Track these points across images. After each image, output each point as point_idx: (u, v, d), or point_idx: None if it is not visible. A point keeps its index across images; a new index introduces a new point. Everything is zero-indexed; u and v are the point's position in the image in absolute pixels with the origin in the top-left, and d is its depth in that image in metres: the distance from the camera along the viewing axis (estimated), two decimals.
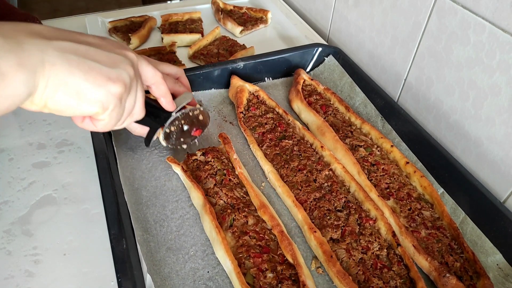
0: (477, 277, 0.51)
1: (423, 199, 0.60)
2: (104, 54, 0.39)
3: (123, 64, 0.41)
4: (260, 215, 0.55)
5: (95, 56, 0.38)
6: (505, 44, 0.56)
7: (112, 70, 0.39)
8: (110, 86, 0.39)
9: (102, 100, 0.39)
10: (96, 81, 0.37)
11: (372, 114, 0.75)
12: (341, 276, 0.48)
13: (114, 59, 0.40)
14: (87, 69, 0.37)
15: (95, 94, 0.38)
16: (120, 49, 0.42)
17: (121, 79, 0.40)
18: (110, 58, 0.40)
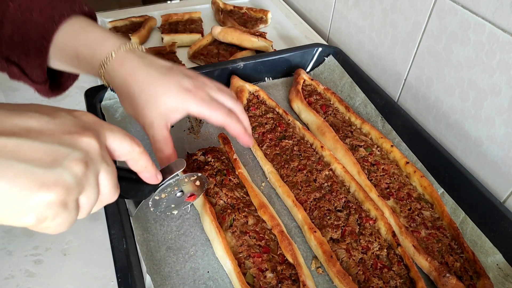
0: (477, 277, 0.51)
1: (423, 199, 0.60)
2: (42, 149, 0.31)
3: (68, 160, 0.31)
4: (260, 215, 0.55)
5: (27, 153, 0.30)
6: (505, 44, 0.56)
7: (49, 171, 0.30)
8: (42, 194, 0.30)
9: (34, 212, 0.30)
10: (23, 190, 0.29)
11: (372, 114, 0.75)
12: (341, 276, 0.48)
13: (55, 154, 0.31)
14: (12, 176, 0.29)
15: (24, 205, 0.30)
16: (73, 134, 0.33)
17: (60, 183, 0.31)
18: (50, 152, 0.31)
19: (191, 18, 1.03)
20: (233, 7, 1.08)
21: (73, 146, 0.32)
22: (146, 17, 1.00)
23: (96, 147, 0.34)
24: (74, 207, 0.33)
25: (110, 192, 0.37)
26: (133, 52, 0.50)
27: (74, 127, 0.33)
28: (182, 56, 0.92)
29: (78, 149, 0.32)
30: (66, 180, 0.31)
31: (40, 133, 0.31)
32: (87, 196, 0.34)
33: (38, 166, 0.30)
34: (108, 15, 1.02)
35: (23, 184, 0.29)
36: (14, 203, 0.29)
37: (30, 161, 0.30)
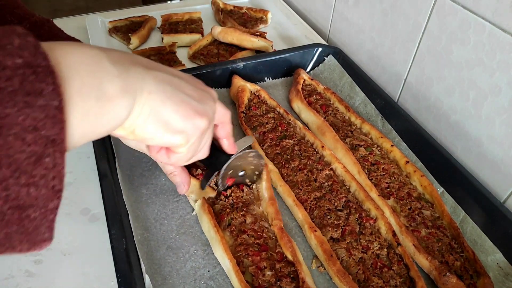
0: (477, 276, 0.51)
1: (423, 198, 0.60)
2: (194, 89, 0.41)
3: (209, 101, 0.42)
4: (266, 206, 0.56)
5: (186, 89, 0.40)
6: (505, 44, 0.56)
7: (200, 105, 0.40)
8: (197, 119, 0.40)
9: (187, 132, 0.40)
10: (185, 113, 0.39)
11: (372, 113, 0.75)
12: (341, 275, 0.48)
13: (202, 95, 0.41)
14: (178, 101, 0.38)
15: (182, 125, 0.39)
16: (205, 87, 0.44)
17: (207, 114, 0.41)
18: (198, 93, 0.41)
19: (191, 18, 1.03)
20: (233, 7, 1.08)
21: (209, 93, 0.43)
22: (146, 17, 1.00)
23: (215, 101, 0.45)
24: (202, 141, 0.43)
25: (208, 147, 0.47)
26: None
27: (203, 84, 0.44)
28: (182, 56, 0.92)
29: (212, 96, 0.44)
30: (209, 114, 0.42)
31: (188, 80, 0.41)
32: (206, 136, 0.44)
33: (194, 99, 0.40)
34: (108, 15, 1.02)
35: (185, 109, 0.39)
36: (175, 122, 0.38)
37: (188, 95, 0.40)
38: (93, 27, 0.97)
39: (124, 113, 0.33)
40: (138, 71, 0.35)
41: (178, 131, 0.39)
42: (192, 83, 0.42)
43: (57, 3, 2.88)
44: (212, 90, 0.45)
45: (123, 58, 0.35)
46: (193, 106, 0.39)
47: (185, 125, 0.39)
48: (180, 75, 0.41)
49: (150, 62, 0.38)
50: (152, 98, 0.36)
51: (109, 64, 0.32)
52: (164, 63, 0.87)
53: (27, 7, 0.61)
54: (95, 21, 0.99)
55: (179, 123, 0.38)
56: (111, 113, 0.32)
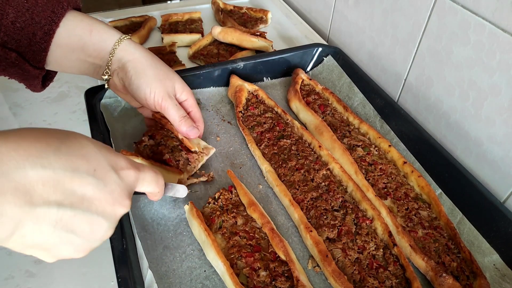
0: (474, 277, 0.51)
1: (420, 199, 0.60)
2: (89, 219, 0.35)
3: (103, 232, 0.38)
4: (249, 213, 0.55)
5: (75, 226, 0.35)
6: (505, 44, 0.56)
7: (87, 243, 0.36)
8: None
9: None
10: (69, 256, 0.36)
11: (371, 114, 0.75)
12: (336, 275, 0.48)
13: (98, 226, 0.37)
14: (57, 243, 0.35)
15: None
16: (114, 205, 0.37)
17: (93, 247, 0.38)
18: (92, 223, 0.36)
19: (191, 18, 1.03)
20: (233, 7, 1.08)
21: (110, 218, 0.38)
22: (146, 17, 1.00)
23: (125, 211, 0.39)
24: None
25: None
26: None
27: (119, 196, 0.38)
28: (182, 56, 0.92)
29: (114, 221, 0.38)
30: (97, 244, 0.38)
31: (91, 201, 0.35)
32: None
33: (80, 237, 0.35)
34: (108, 15, 1.02)
35: (68, 252, 0.35)
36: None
37: (74, 233, 0.35)
38: None
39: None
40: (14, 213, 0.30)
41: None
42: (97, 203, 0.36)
43: None
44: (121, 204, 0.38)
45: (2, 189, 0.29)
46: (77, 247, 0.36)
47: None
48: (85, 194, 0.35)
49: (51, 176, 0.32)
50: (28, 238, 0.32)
51: None
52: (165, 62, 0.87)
53: None
54: None
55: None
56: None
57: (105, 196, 0.36)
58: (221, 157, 0.68)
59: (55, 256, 0.36)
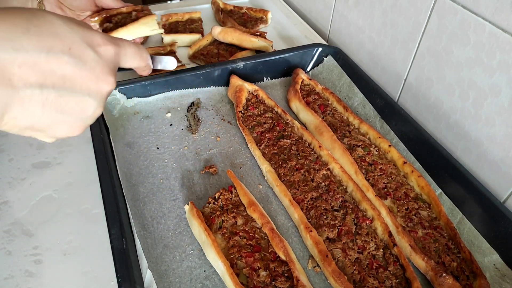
0: (474, 277, 0.51)
1: (420, 199, 0.60)
2: (74, 100, 0.36)
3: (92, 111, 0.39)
4: (249, 213, 0.55)
5: (63, 105, 0.36)
6: (505, 44, 0.56)
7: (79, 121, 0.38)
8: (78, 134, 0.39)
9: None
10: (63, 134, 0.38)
11: (371, 114, 0.75)
12: (336, 275, 0.48)
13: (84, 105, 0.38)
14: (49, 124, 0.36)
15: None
16: (97, 82, 0.38)
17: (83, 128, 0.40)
18: (80, 103, 0.37)
19: (191, 18, 1.03)
20: (233, 7, 1.08)
21: (96, 96, 0.38)
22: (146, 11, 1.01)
23: (111, 89, 0.40)
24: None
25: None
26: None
27: (100, 73, 0.38)
28: (182, 56, 0.92)
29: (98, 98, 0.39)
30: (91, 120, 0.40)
31: (73, 81, 0.35)
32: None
33: (71, 115, 0.37)
34: None
35: (63, 131, 0.37)
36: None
37: (65, 112, 0.36)
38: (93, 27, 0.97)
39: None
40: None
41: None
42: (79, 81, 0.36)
43: None
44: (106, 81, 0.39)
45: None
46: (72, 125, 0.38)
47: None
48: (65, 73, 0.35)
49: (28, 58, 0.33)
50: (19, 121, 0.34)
51: None
52: None
53: None
54: None
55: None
56: None
57: (86, 74, 0.36)
58: (221, 157, 0.68)
59: (52, 135, 0.37)
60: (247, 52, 0.91)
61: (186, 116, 0.74)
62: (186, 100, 0.77)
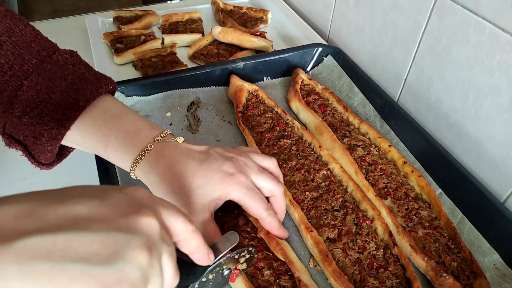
0: (474, 276, 0.51)
1: (420, 198, 0.60)
2: (98, 240, 0.25)
3: (129, 250, 0.26)
4: (247, 215, 0.55)
5: (80, 249, 0.24)
6: (505, 44, 0.56)
7: (110, 269, 0.24)
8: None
9: None
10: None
11: (371, 114, 0.75)
12: (337, 275, 0.48)
13: (114, 244, 0.25)
14: (66, 282, 0.23)
15: None
16: (129, 215, 0.27)
17: (126, 280, 0.25)
18: (108, 243, 0.25)
19: (191, 18, 1.03)
20: (233, 7, 1.08)
21: (132, 230, 0.27)
22: (150, 12, 1.01)
23: (156, 227, 0.29)
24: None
25: (172, 277, 0.31)
26: (167, 143, 0.47)
27: (128, 206, 0.28)
28: (182, 56, 0.92)
29: (138, 233, 0.27)
30: (131, 275, 0.25)
31: (91, 221, 0.25)
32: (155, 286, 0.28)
33: (96, 263, 0.24)
34: (108, 15, 1.02)
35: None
36: None
37: (85, 259, 0.24)
38: (93, 27, 0.97)
39: None
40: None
41: None
42: (104, 216, 0.26)
43: (57, 3, 2.89)
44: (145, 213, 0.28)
45: None
46: (96, 279, 0.24)
47: None
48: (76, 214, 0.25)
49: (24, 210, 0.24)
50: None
51: None
52: (166, 64, 0.87)
53: (27, 7, 0.58)
54: (95, 21, 0.99)
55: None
56: None
57: (109, 210, 0.27)
58: None
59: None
60: (247, 52, 0.91)
61: (186, 115, 0.74)
62: (186, 99, 0.77)
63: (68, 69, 0.46)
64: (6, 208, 0.24)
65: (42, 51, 0.45)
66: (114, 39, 0.93)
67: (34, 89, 0.43)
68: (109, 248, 0.25)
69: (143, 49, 0.90)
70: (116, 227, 0.26)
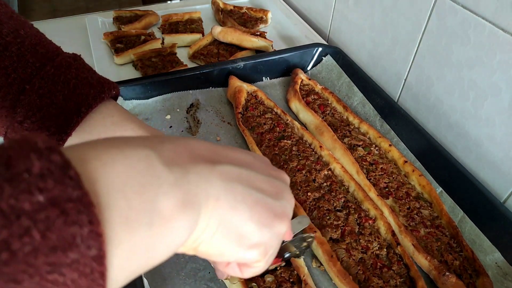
0: (476, 275, 0.51)
1: (421, 198, 0.60)
2: (267, 180, 0.32)
3: (285, 193, 0.33)
4: None
5: (259, 183, 0.31)
6: (505, 44, 0.56)
7: (277, 202, 0.31)
8: (276, 225, 0.31)
9: (266, 243, 0.30)
10: (261, 220, 0.29)
11: (370, 113, 0.75)
12: (342, 275, 0.48)
13: (277, 186, 0.32)
14: (252, 204, 0.29)
15: (259, 236, 0.30)
16: (275, 170, 0.34)
17: (286, 214, 0.32)
18: (273, 184, 0.32)
19: (191, 18, 1.03)
20: (233, 7, 1.08)
21: (282, 179, 0.34)
22: (150, 12, 1.01)
23: (288, 183, 0.35)
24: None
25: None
26: None
27: (269, 164, 0.35)
28: (182, 56, 0.92)
29: (286, 183, 0.34)
30: (289, 211, 0.32)
31: (256, 166, 0.32)
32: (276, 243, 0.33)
33: (269, 195, 0.31)
34: (108, 15, 1.02)
35: (261, 213, 0.29)
36: (251, 234, 0.29)
37: (263, 191, 0.30)
38: (93, 27, 0.97)
39: (185, 234, 0.25)
40: (200, 171, 0.27)
41: (254, 245, 0.30)
42: (263, 169, 0.33)
43: (57, 3, 2.88)
44: (283, 174, 0.36)
45: (178, 153, 0.26)
46: (271, 206, 0.30)
47: (263, 235, 0.30)
48: (248, 161, 0.32)
49: (210, 149, 0.30)
50: (221, 205, 0.27)
51: (162, 168, 0.24)
52: (166, 64, 0.87)
53: (26, 7, 0.58)
54: (95, 21, 0.99)
55: (256, 234, 0.29)
56: (169, 237, 0.24)
57: (262, 164, 0.33)
58: None
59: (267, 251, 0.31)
60: (247, 52, 0.91)
61: (186, 117, 0.74)
62: (185, 101, 0.77)
63: (71, 73, 0.45)
64: (197, 143, 0.29)
65: (46, 54, 0.45)
66: (114, 39, 0.92)
67: (36, 93, 0.43)
68: (274, 188, 0.32)
69: (143, 49, 0.89)
70: (273, 175, 0.33)
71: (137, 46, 0.90)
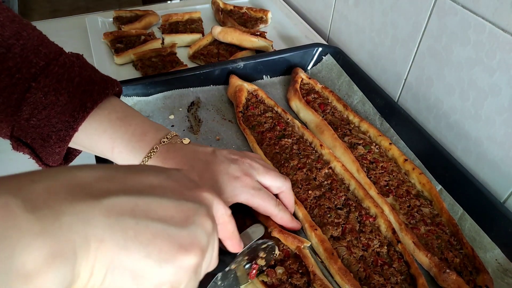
0: (477, 272, 0.51)
1: (422, 196, 0.61)
2: (172, 205, 0.28)
3: (199, 216, 0.29)
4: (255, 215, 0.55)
5: (160, 211, 0.27)
6: (505, 44, 0.56)
7: (184, 231, 0.27)
8: (182, 258, 0.27)
9: (171, 281, 0.27)
10: (161, 255, 0.26)
11: (370, 112, 0.75)
12: (343, 273, 0.49)
13: (187, 210, 0.28)
14: (149, 238, 0.25)
15: (160, 275, 0.26)
16: (192, 189, 0.31)
17: (197, 243, 0.28)
18: (181, 209, 0.28)
19: (191, 18, 1.03)
20: (233, 7, 1.09)
21: (198, 201, 0.30)
22: (150, 12, 1.01)
23: (212, 202, 0.32)
24: (201, 272, 0.30)
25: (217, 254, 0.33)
26: (174, 145, 0.48)
27: (189, 182, 0.31)
28: (182, 56, 0.92)
29: (203, 204, 0.30)
30: (201, 239, 0.28)
31: (164, 189, 0.29)
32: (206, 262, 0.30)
33: (173, 225, 0.27)
34: (108, 15, 1.02)
35: (161, 248, 0.26)
36: (148, 273, 0.25)
37: (164, 220, 0.27)
38: (93, 27, 0.97)
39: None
40: (77, 212, 0.23)
41: (156, 285, 0.26)
42: (175, 191, 0.29)
43: (57, 3, 2.88)
44: (204, 190, 0.32)
45: (53, 192, 0.23)
46: (174, 238, 0.26)
47: (165, 272, 0.26)
48: (155, 185, 0.28)
49: (103, 177, 0.26)
50: (107, 247, 0.24)
51: (25, 216, 0.21)
52: (166, 64, 0.88)
53: (26, 7, 0.58)
54: (95, 21, 0.99)
55: (155, 272, 0.26)
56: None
57: (176, 183, 0.30)
58: None
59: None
60: (247, 52, 0.91)
61: (187, 116, 0.74)
62: (186, 99, 0.77)
63: (75, 71, 0.46)
64: (88, 171, 0.26)
65: (49, 54, 0.45)
66: (114, 39, 0.93)
67: (41, 91, 0.43)
68: (182, 214, 0.28)
69: (143, 49, 0.89)
70: (184, 197, 0.29)
71: (137, 46, 0.90)
